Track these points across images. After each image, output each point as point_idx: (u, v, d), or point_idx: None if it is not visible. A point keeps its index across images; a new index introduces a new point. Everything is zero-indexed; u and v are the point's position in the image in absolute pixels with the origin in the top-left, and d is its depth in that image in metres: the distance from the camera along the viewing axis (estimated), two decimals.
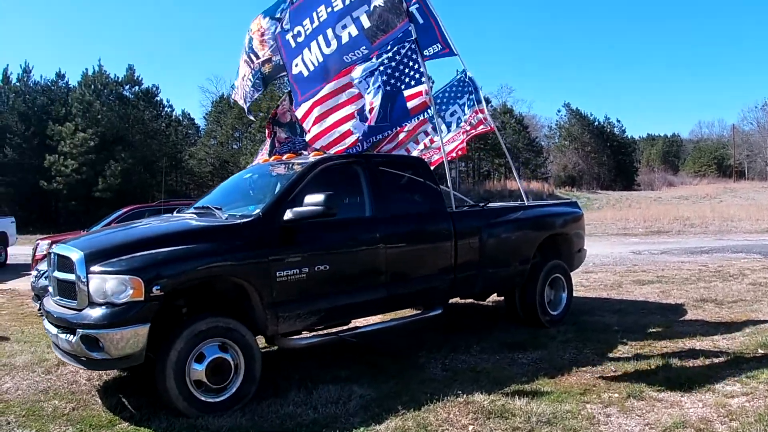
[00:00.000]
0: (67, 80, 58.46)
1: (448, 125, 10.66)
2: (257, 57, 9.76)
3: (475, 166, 72.23)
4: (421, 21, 9.34)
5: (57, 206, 52.59)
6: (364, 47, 8.22)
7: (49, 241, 13.01)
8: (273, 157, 8.28)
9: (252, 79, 9.82)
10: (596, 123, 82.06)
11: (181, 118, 68.12)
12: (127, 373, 7.16)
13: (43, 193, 50.61)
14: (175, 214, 7.67)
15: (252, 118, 10.75)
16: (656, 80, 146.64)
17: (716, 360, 7.11)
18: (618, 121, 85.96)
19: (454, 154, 10.80)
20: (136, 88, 56.34)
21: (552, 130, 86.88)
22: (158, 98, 59.22)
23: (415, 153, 10.19)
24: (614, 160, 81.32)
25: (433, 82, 9.58)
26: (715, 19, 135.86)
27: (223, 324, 5.93)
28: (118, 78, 55.11)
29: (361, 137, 7.90)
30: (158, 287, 5.52)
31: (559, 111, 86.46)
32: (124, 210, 16.29)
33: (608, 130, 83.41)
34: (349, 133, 8.11)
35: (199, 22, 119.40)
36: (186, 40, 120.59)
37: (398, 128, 8.63)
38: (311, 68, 8.34)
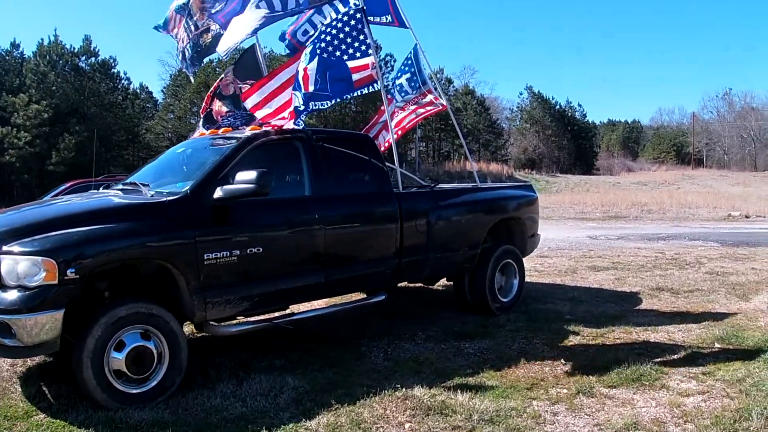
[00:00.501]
0: (21, 50, 57.13)
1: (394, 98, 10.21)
2: (196, 27, 9.23)
3: (435, 146, 72.15)
4: None
5: (10, 179, 51.62)
6: (303, 4, 7.79)
7: None
8: (209, 131, 7.79)
9: (190, 51, 9.30)
10: (558, 107, 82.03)
11: (138, 91, 66.93)
12: (52, 359, 6.69)
13: None
14: (101, 190, 7.24)
15: (192, 78, 10.15)
16: (618, 66, 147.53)
17: (671, 355, 6.83)
18: (579, 105, 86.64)
19: (398, 133, 10.32)
20: (93, 59, 55.30)
21: (513, 112, 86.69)
22: (115, 70, 58.13)
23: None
24: (574, 144, 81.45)
25: (395, 61, 9.19)
26: (679, 7, 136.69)
27: (144, 310, 5.52)
28: (74, 49, 54.03)
29: (298, 107, 7.42)
30: (73, 270, 5.09)
31: (521, 94, 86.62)
32: (68, 184, 15.87)
33: (569, 114, 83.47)
34: (288, 104, 7.61)
35: None
36: (146, 11, 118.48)
37: (338, 99, 8.19)
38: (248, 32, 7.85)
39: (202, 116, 9.10)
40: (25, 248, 5.13)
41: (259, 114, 7.51)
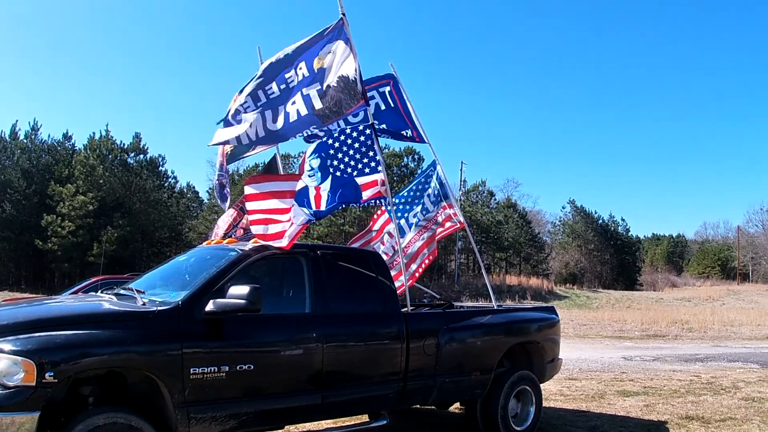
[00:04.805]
0: (73, 142, 59.24)
1: (410, 226, 10.01)
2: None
3: (475, 258, 71.78)
4: (391, 104, 8.97)
5: (50, 267, 52.35)
6: (314, 126, 7.67)
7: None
8: (215, 241, 7.70)
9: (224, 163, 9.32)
10: (600, 221, 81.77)
11: (185, 190, 68.25)
12: None
13: (38, 252, 50.62)
14: (98, 293, 7.11)
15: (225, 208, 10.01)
16: (662, 181, 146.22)
17: None
18: (623, 219, 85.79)
19: (427, 261, 10.07)
20: (141, 156, 56.83)
21: (556, 226, 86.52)
22: (163, 168, 59.75)
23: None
24: (617, 258, 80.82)
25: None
26: (721, 123, 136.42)
27: (123, 420, 5.32)
28: (123, 145, 55.70)
29: (305, 222, 7.34)
30: (51, 374, 4.97)
31: (563, 207, 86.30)
32: (93, 280, 15.79)
33: (612, 228, 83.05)
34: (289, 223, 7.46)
35: (213, 95, 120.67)
36: (197, 112, 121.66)
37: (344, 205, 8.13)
38: (245, 141, 7.72)
39: (225, 223, 9.07)
40: (8, 347, 5.03)
41: (255, 229, 7.35)
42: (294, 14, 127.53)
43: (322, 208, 7.44)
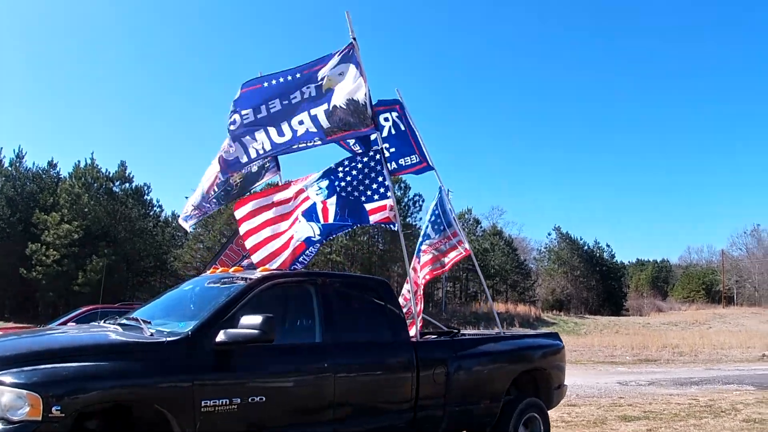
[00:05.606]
0: (58, 170, 58.97)
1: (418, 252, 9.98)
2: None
3: (462, 286, 71.70)
4: (401, 128, 8.96)
5: (35, 296, 51.85)
6: (317, 138, 7.68)
7: None
8: (221, 269, 7.59)
9: (216, 190, 9.17)
10: (586, 247, 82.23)
11: (170, 219, 67.88)
12: None
13: (22, 281, 50.08)
14: (101, 323, 6.95)
15: (189, 229, 10.03)
16: (646, 207, 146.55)
17: None
18: (608, 245, 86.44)
19: (426, 278, 10.01)
20: (127, 185, 56.54)
21: (542, 253, 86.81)
22: (148, 197, 59.52)
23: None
24: (603, 284, 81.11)
25: (423, 201, 9.05)
26: (703, 148, 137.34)
27: None
28: (109, 173, 55.45)
29: (311, 237, 7.40)
30: (58, 408, 4.77)
31: (549, 234, 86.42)
32: (83, 309, 15.57)
33: (597, 254, 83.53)
34: (290, 241, 7.44)
35: (198, 125, 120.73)
36: (183, 141, 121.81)
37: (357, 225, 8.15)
38: (253, 155, 7.76)
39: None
40: (12, 379, 4.84)
41: (256, 257, 7.33)
42: (277, 53, 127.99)
43: (330, 220, 7.44)
